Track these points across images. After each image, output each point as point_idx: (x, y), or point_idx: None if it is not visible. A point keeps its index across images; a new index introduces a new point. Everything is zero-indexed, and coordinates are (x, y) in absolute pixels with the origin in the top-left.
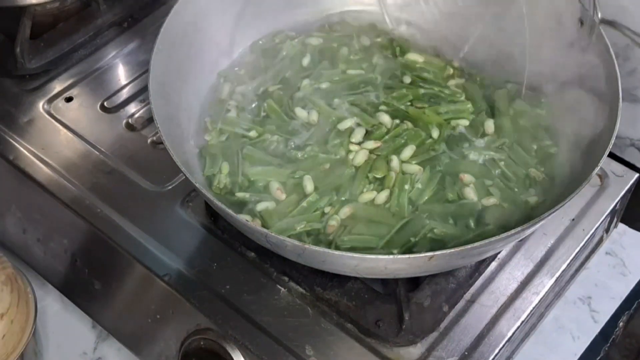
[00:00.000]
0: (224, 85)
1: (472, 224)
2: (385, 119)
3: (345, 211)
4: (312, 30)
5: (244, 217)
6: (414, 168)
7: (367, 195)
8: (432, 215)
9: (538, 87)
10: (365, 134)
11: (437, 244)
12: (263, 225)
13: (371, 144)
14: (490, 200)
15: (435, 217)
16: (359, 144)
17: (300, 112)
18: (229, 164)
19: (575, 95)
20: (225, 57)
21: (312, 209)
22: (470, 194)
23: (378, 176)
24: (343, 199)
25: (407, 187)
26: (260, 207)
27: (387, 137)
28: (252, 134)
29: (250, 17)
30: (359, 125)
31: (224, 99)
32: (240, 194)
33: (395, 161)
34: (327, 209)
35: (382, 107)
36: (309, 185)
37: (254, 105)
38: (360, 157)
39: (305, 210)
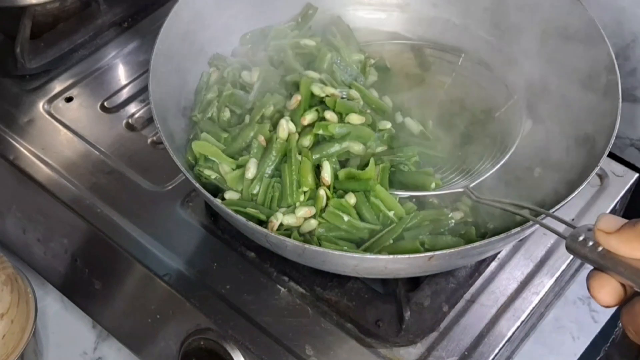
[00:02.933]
0: (211, 74)
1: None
2: (334, 91)
3: (292, 221)
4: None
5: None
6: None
7: (303, 211)
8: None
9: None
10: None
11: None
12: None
13: (308, 117)
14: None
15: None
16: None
17: (245, 75)
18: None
19: (575, 95)
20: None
21: (260, 200)
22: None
23: (305, 189)
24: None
25: (345, 219)
26: (228, 195)
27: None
28: (211, 95)
29: (250, 16)
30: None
31: (210, 85)
32: (207, 172)
33: (326, 169)
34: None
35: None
36: (252, 168)
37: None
38: (283, 131)
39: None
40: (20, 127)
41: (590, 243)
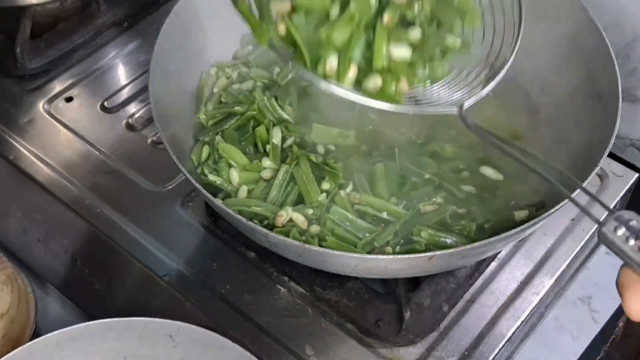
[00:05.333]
0: (217, 80)
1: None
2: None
3: (300, 220)
4: None
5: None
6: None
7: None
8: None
9: (537, 87)
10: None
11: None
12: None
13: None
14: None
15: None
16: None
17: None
18: (210, 148)
19: (575, 96)
20: (225, 57)
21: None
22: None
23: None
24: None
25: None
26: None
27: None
28: (238, 109)
29: None
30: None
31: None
32: (212, 177)
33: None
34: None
35: None
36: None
37: (240, 91)
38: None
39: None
40: (20, 127)
41: (633, 242)
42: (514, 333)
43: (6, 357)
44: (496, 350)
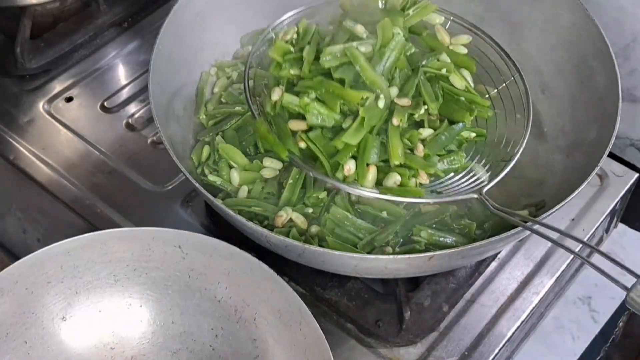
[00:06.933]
0: (217, 81)
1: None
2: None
3: (300, 220)
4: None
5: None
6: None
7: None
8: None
9: (537, 88)
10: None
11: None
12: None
13: (404, 101)
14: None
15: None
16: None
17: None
18: (210, 149)
19: (576, 96)
20: (225, 57)
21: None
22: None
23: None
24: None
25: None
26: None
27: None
28: (238, 109)
29: (249, 16)
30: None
31: (214, 82)
32: (212, 177)
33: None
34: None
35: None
36: (268, 172)
37: (240, 91)
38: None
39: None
40: (20, 127)
41: None
42: (514, 333)
43: (17, 263)
44: (496, 350)
